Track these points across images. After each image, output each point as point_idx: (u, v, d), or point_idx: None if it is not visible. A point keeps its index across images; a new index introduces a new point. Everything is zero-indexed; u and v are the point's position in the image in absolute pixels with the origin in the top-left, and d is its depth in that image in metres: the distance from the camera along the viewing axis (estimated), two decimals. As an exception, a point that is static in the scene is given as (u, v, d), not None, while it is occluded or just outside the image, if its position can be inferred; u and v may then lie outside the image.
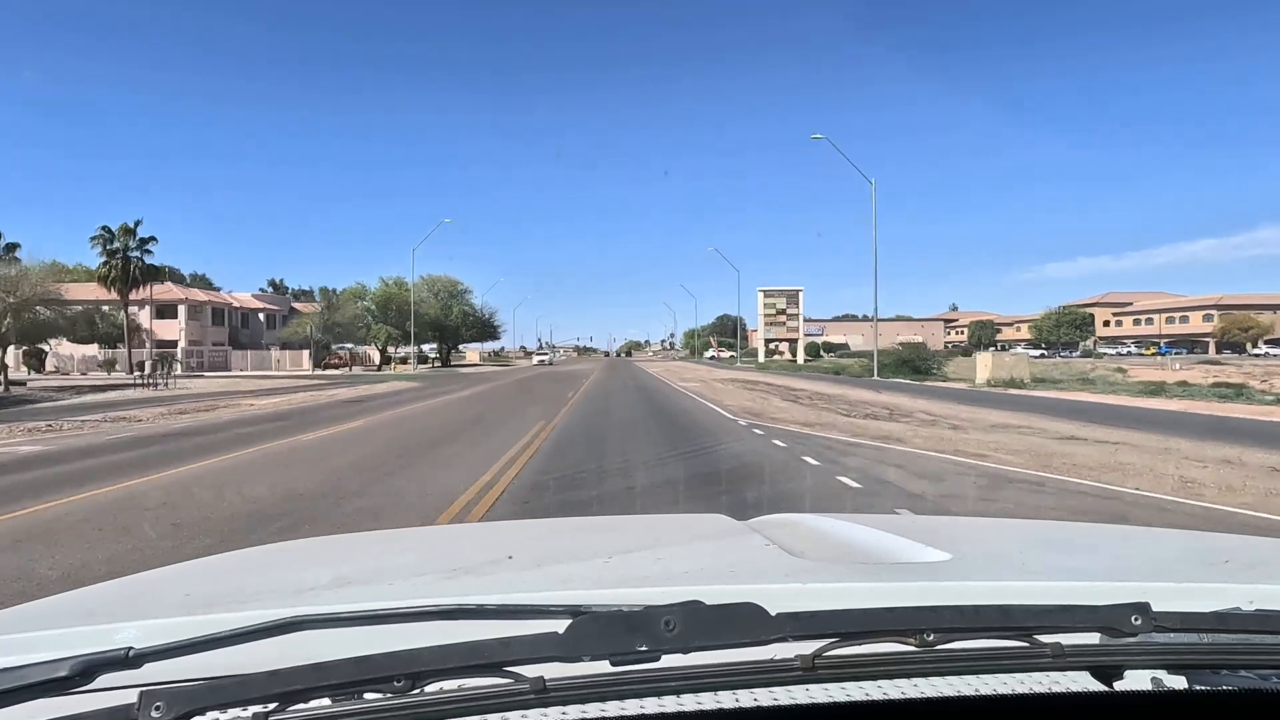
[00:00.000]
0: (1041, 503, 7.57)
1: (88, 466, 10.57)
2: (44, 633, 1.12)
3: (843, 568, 1.47)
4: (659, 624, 0.80)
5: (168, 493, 8.33)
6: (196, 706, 0.73)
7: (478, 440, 13.35)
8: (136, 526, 6.67)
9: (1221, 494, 7.98)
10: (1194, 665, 0.91)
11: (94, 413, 20.38)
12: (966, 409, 19.06)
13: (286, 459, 11.23)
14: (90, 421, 17.78)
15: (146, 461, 10.83)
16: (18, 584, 5.01)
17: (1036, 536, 2.02)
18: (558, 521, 4.23)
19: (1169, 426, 14.76)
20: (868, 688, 0.89)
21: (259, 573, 1.72)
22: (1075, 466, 9.78)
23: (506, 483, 8.68)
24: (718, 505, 7.04)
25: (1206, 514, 7.06)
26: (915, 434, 13.56)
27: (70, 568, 5.38)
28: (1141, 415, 17.48)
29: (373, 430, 15.39)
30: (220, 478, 9.42)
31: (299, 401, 24.82)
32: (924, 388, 30.37)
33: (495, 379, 42.94)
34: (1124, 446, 11.65)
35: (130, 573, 1.79)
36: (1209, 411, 18.87)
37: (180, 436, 14.51)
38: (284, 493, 8.23)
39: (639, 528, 2.47)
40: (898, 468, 9.81)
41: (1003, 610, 0.89)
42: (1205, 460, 10.30)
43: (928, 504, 7.49)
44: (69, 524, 6.84)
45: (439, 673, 0.77)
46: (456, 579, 1.42)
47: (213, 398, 26.91)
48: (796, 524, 1.94)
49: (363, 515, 7.08)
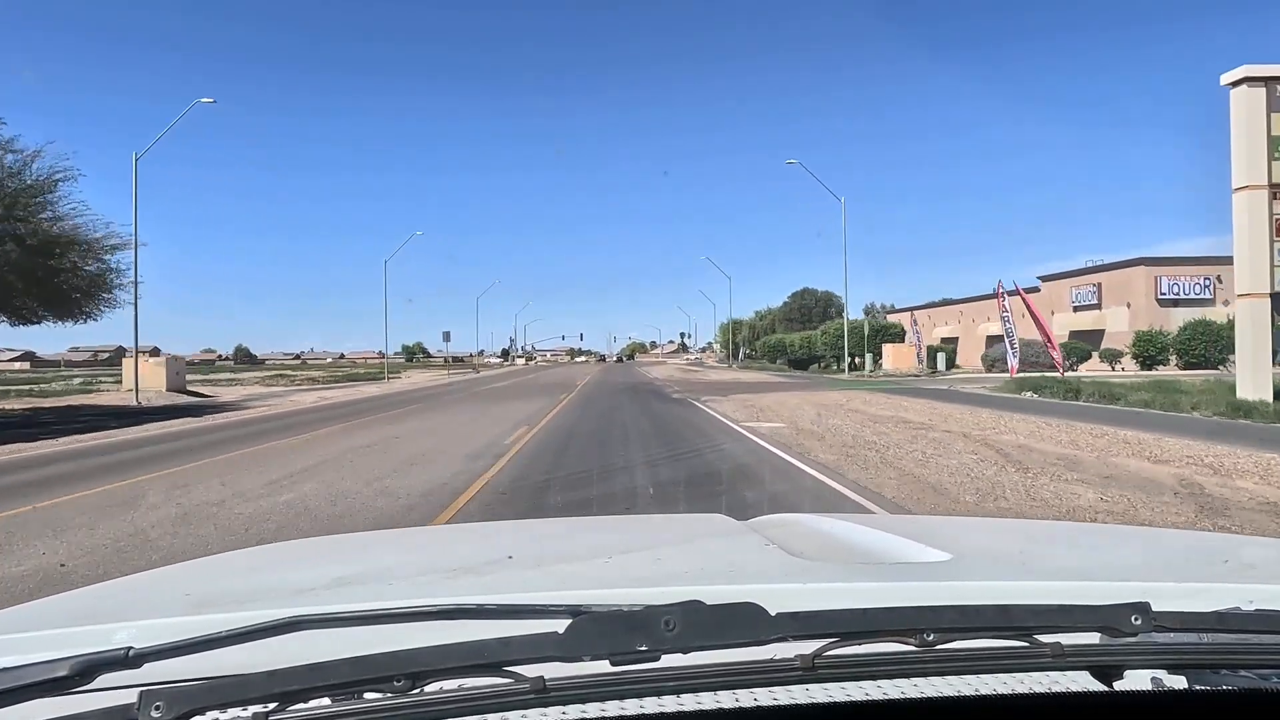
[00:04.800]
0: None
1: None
2: (44, 633, 1.12)
3: (843, 568, 1.47)
4: (659, 624, 0.80)
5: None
6: (196, 706, 0.73)
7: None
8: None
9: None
10: (1194, 665, 0.91)
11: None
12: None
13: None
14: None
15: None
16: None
17: (1036, 536, 2.02)
18: (557, 521, 4.23)
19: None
20: (867, 688, 0.89)
21: (259, 572, 1.72)
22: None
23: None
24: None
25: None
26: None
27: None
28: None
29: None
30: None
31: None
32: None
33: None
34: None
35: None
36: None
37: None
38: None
39: (639, 527, 2.48)
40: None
41: (1002, 610, 0.89)
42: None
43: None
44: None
45: (439, 672, 0.77)
46: (456, 579, 1.42)
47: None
48: (796, 524, 1.94)
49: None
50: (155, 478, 9.86)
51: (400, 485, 8.96)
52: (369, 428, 16.61)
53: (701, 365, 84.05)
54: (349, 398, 30.11)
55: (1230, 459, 9.91)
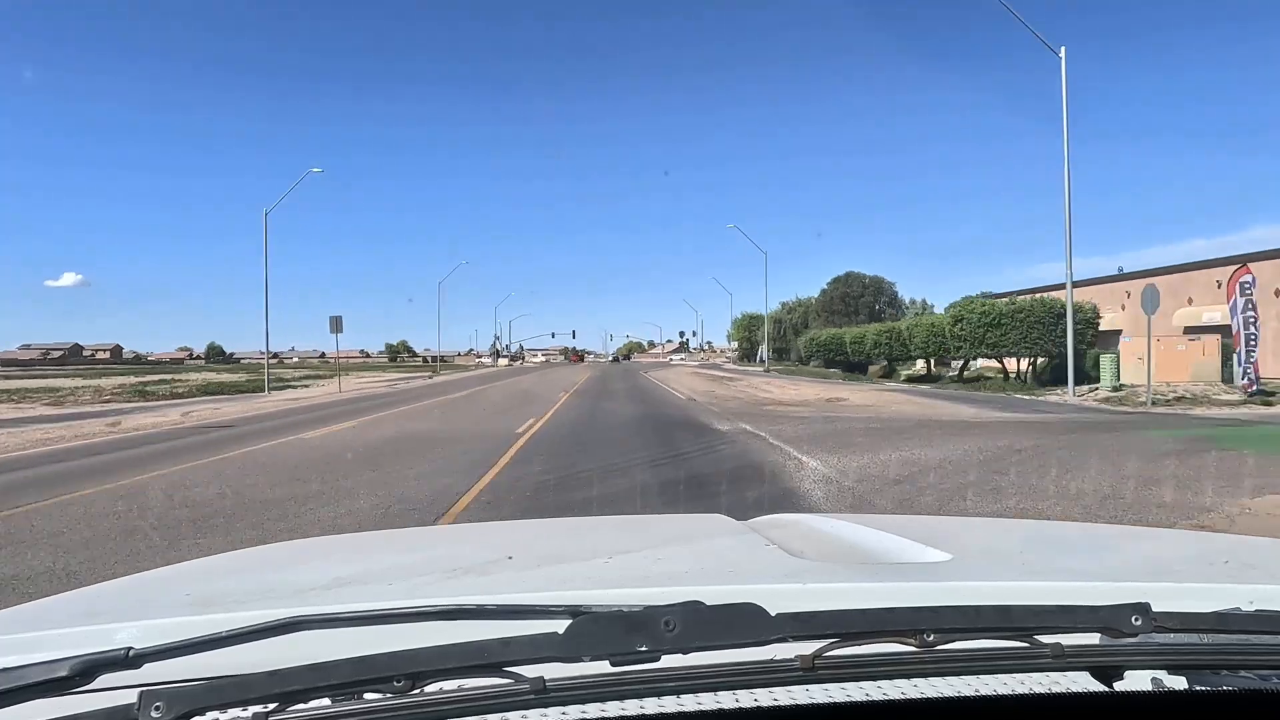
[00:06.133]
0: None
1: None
2: (44, 633, 1.12)
3: (843, 568, 1.47)
4: (659, 624, 0.80)
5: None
6: (196, 706, 0.73)
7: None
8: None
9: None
10: (1194, 665, 0.91)
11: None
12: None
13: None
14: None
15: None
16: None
17: (1036, 536, 2.02)
18: (558, 522, 4.23)
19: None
20: (868, 688, 0.89)
21: (259, 572, 1.72)
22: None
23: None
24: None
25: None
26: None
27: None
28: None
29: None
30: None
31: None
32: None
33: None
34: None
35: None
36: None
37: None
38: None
39: (639, 528, 2.48)
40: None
41: (1003, 610, 0.89)
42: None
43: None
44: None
45: (439, 673, 0.77)
46: (456, 579, 1.42)
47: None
48: (796, 524, 1.94)
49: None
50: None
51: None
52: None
53: (719, 368, 61.39)
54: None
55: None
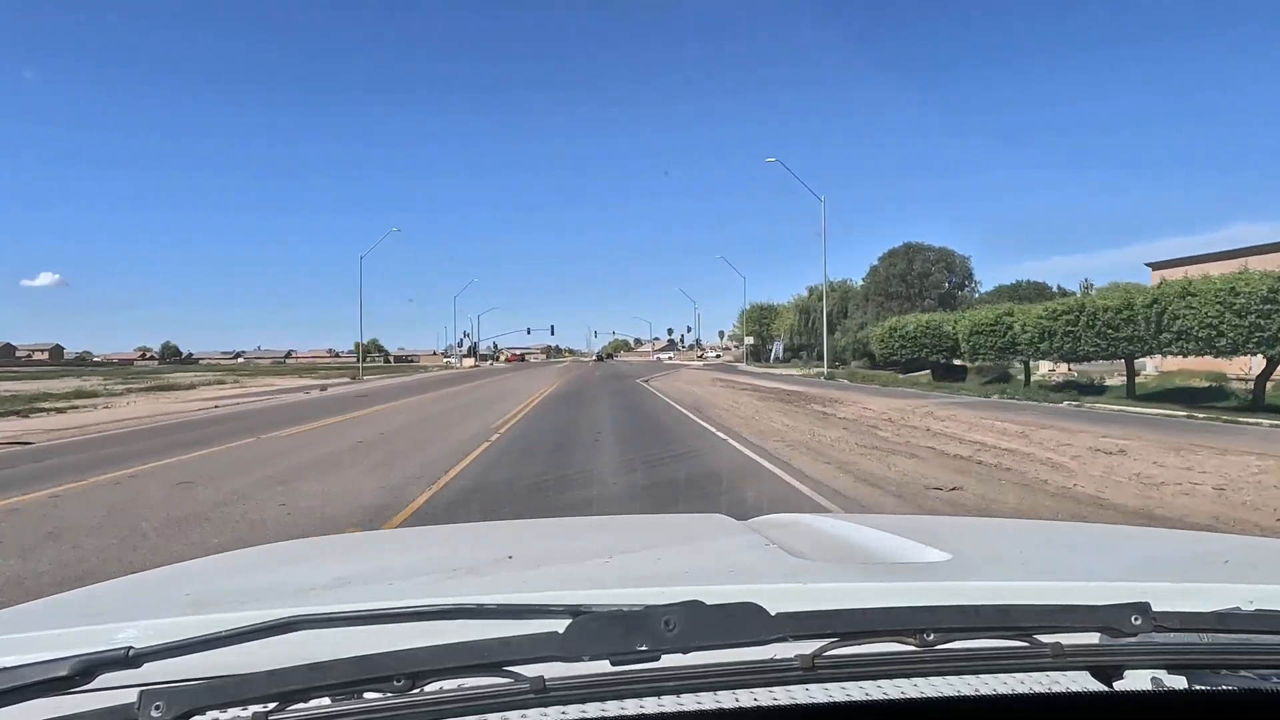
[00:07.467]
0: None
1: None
2: (44, 632, 1.12)
3: (842, 568, 1.47)
4: (659, 624, 0.80)
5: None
6: (196, 706, 0.73)
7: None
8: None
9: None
10: (1194, 665, 0.91)
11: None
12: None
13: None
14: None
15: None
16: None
17: (1036, 536, 2.02)
18: (558, 521, 4.23)
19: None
20: (867, 688, 0.89)
21: (259, 572, 1.72)
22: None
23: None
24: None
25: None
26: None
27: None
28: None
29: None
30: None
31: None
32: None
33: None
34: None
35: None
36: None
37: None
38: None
39: (639, 527, 2.48)
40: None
41: (1002, 610, 0.89)
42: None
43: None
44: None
45: (439, 672, 0.77)
46: (456, 579, 1.42)
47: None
48: (796, 524, 1.94)
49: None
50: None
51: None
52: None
53: (738, 371, 47.52)
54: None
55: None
